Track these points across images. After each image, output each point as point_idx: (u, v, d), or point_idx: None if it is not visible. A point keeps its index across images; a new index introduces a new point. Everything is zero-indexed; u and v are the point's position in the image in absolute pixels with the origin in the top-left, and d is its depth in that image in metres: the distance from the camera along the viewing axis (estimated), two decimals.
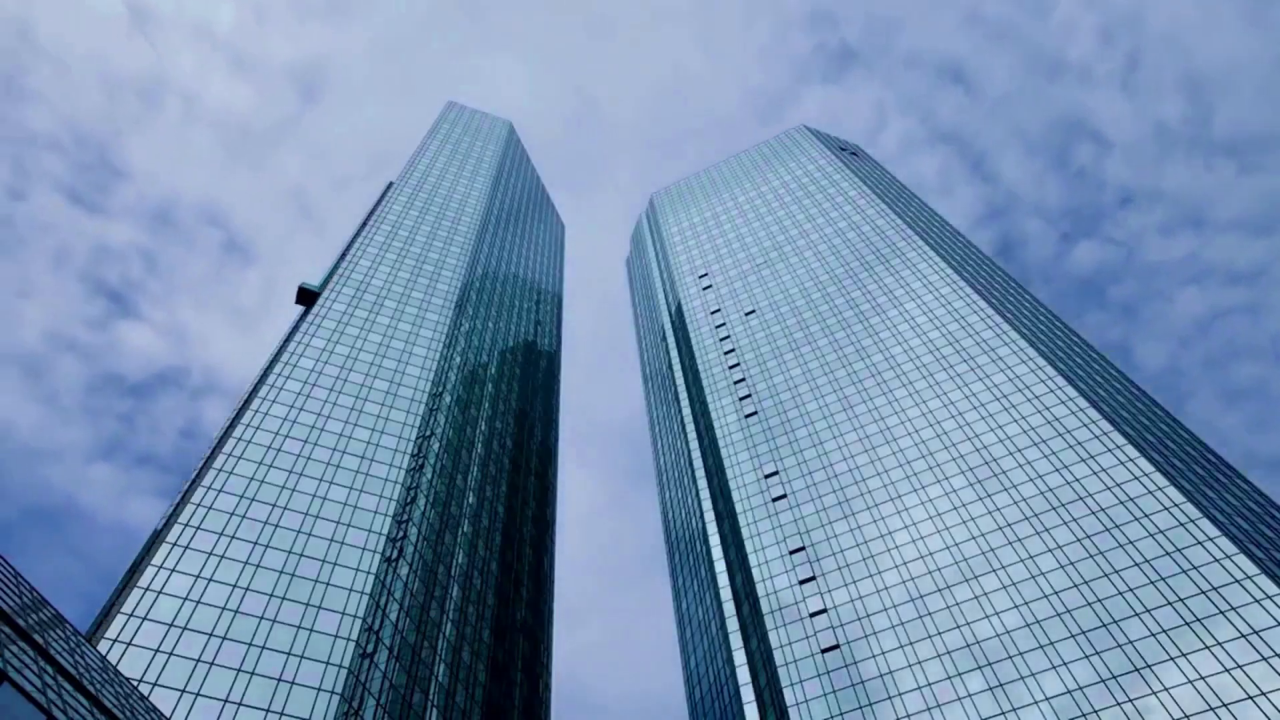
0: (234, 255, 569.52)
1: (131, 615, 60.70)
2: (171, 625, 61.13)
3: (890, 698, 70.50)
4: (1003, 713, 65.38)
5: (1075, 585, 71.48)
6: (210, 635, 61.68)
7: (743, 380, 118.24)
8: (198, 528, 69.99)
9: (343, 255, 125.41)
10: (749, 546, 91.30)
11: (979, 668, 69.39)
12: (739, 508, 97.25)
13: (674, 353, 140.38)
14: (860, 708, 70.86)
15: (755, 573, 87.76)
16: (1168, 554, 70.09)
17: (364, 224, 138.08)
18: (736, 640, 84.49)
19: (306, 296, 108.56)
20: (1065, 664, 66.33)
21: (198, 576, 65.80)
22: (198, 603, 63.75)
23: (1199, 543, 69.74)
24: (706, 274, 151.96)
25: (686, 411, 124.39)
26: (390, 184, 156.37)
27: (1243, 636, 62.15)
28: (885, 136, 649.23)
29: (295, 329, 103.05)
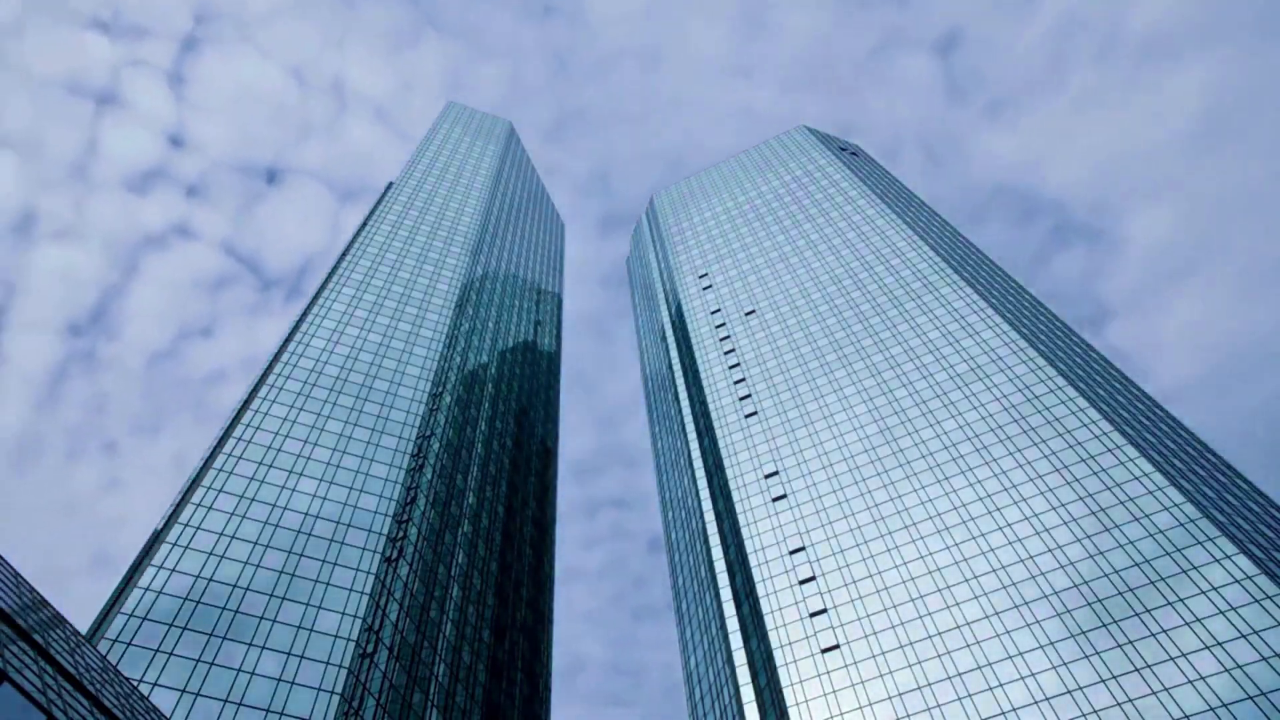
0: None
1: (131, 615, 60.75)
2: (171, 625, 61.18)
3: (890, 698, 70.51)
4: (1002, 712, 65.39)
5: (1075, 586, 71.49)
6: (210, 635, 61.72)
7: (743, 380, 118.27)
8: (198, 528, 70.03)
9: (341, 257, 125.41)
10: (749, 546, 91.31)
11: (979, 668, 69.41)
12: (739, 508, 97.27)
13: (674, 353, 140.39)
14: (859, 708, 70.87)
15: (755, 573, 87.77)
16: (1168, 554, 70.10)
17: (364, 224, 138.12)
18: (736, 640, 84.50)
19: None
20: (1065, 664, 66.35)
21: (198, 577, 65.84)
22: (198, 603, 63.79)
23: (1199, 543, 69.76)
24: (706, 274, 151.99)
25: (686, 411, 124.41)
26: (390, 184, 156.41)
27: (1243, 637, 62.17)
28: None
29: (295, 329, 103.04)
